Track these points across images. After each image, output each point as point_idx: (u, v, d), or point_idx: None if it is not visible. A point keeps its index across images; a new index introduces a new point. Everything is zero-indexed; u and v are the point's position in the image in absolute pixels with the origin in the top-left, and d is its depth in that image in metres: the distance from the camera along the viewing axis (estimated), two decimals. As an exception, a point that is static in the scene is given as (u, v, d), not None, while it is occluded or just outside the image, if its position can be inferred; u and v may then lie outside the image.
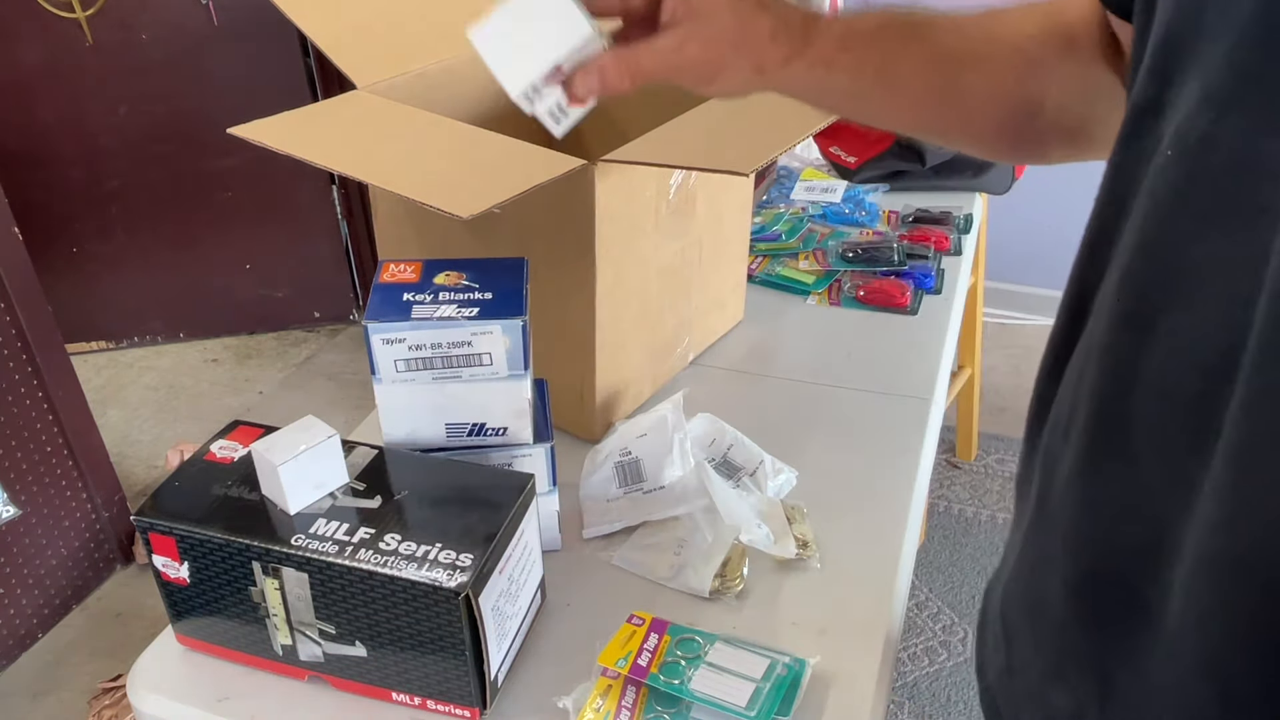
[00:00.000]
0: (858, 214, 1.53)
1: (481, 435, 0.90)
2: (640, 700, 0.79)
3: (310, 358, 2.92)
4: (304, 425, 0.81)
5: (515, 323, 0.84)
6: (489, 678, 0.77)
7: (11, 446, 1.88)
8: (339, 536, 0.76)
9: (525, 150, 0.91)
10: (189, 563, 0.80)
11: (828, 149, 1.71)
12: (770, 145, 0.87)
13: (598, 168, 0.92)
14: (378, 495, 0.81)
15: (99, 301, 2.84)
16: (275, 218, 2.85)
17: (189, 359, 2.91)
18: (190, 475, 0.83)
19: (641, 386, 1.15)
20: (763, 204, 1.59)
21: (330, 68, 1.11)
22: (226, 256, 2.88)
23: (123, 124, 2.63)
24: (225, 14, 2.56)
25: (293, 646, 0.81)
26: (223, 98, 2.63)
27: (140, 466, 2.49)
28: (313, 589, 0.76)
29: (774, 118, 0.98)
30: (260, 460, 0.79)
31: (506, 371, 0.86)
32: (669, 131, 0.94)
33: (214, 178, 2.75)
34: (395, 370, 0.86)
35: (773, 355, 1.27)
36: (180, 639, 0.86)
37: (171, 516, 0.79)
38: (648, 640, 0.81)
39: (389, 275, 0.89)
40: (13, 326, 1.85)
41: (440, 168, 0.88)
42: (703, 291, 1.20)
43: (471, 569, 0.73)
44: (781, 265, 1.44)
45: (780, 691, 0.77)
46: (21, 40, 2.46)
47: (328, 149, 0.90)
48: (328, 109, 1.01)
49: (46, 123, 2.58)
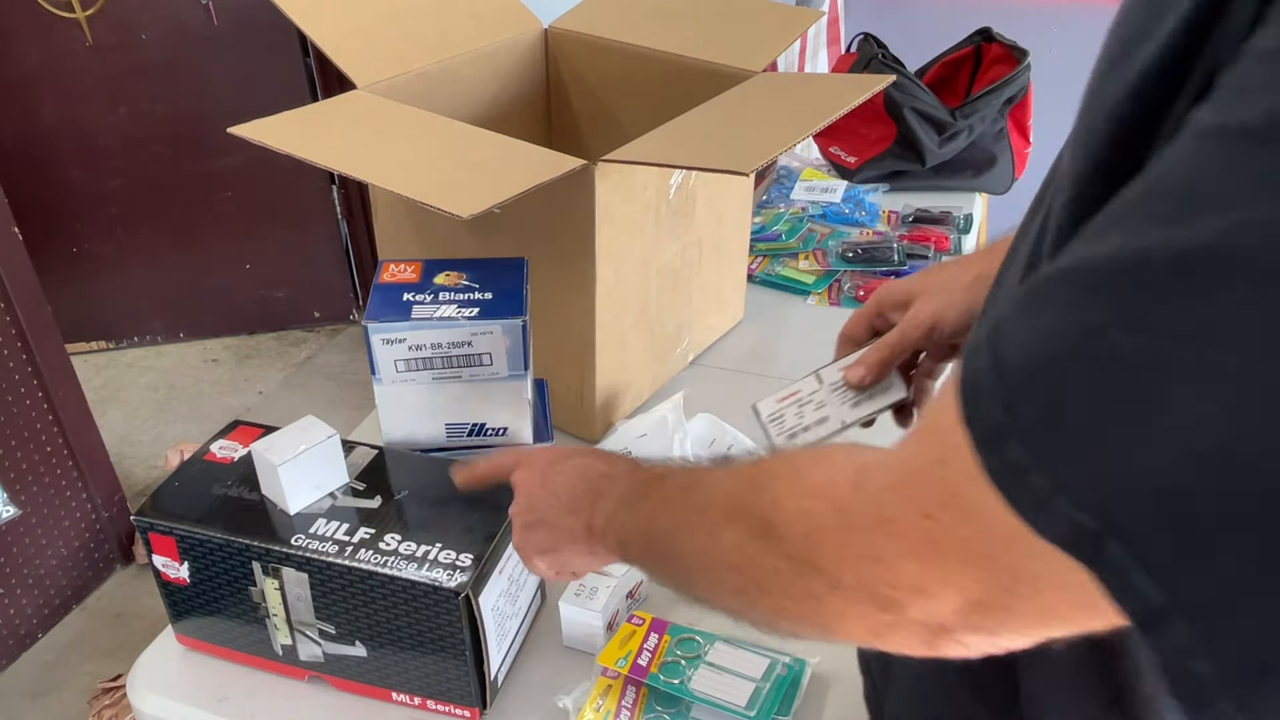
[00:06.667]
0: (858, 214, 1.53)
1: (481, 435, 0.90)
2: (640, 700, 0.79)
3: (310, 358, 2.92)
4: (304, 425, 0.81)
5: (515, 323, 0.84)
6: (489, 678, 0.77)
7: (11, 446, 1.87)
8: (339, 536, 0.76)
9: (525, 150, 0.91)
10: (189, 563, 0.79)
11: (828, 149, 1.71)
12: (770, 145, 0.87)
13: (598, 168, 0.92)
14: (378, 495, 0.81)
15: (99, 301, 2.84)
16: (275, 218, 2.84)
17: (189, 359, 2.91)
18: (190, 475, 0.83)
19: (641, 386, 1.15)
20: (763, 204, 1.58)
21: (330, 68, 1.11)
22: (226, 256, 2.87)
23: (123, 124, 2.62)
24: (225, 14, 2.55)
25: (293, 646, 0.81)
26: (223, 98, 2.63)
27: (140, 466, 2.49)
28: (313, 589, 0.76)
29: (774, 118, 0.98)
30: (260, 460, 0.79)
31: (506, 371, 0.86)
32: (669, 131, 0.94)
33: (214, 178, 2.74)
34: (395, 370, 0.85)
35: (773, 355, 1.27)
36: (180, 639, 0.86)
37: (171, 516, 0.79)
38: (648, 640, 0.81)
39: (389, 275, 0.89)
40: (13, 326, 1.85)
41: (440, 168, 0.88)
42: (703, 291, 1.20)
43: (471, 569, 0.73)
44: (781, 265, 1.44)
45: (780, 691, 0.77)
46: (21, 40, 2.46)
47: (328, 149, 0.90)
48: (328, 109, 1.01)
49: (46, 123, 2.58)
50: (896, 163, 1.63)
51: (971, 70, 1.73)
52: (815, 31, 2.60)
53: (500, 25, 1.22)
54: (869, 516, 0.39)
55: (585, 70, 1.28)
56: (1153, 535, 0.30)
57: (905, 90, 1.58)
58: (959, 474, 0.35)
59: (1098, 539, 0.31)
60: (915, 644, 0.40)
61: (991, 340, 0.35)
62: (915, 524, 0.37)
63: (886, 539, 0.38)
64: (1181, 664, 0.30)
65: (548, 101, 1.32)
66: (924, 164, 1.61)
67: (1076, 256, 0.33)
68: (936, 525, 0.37)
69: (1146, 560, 0.30)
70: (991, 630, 0.38)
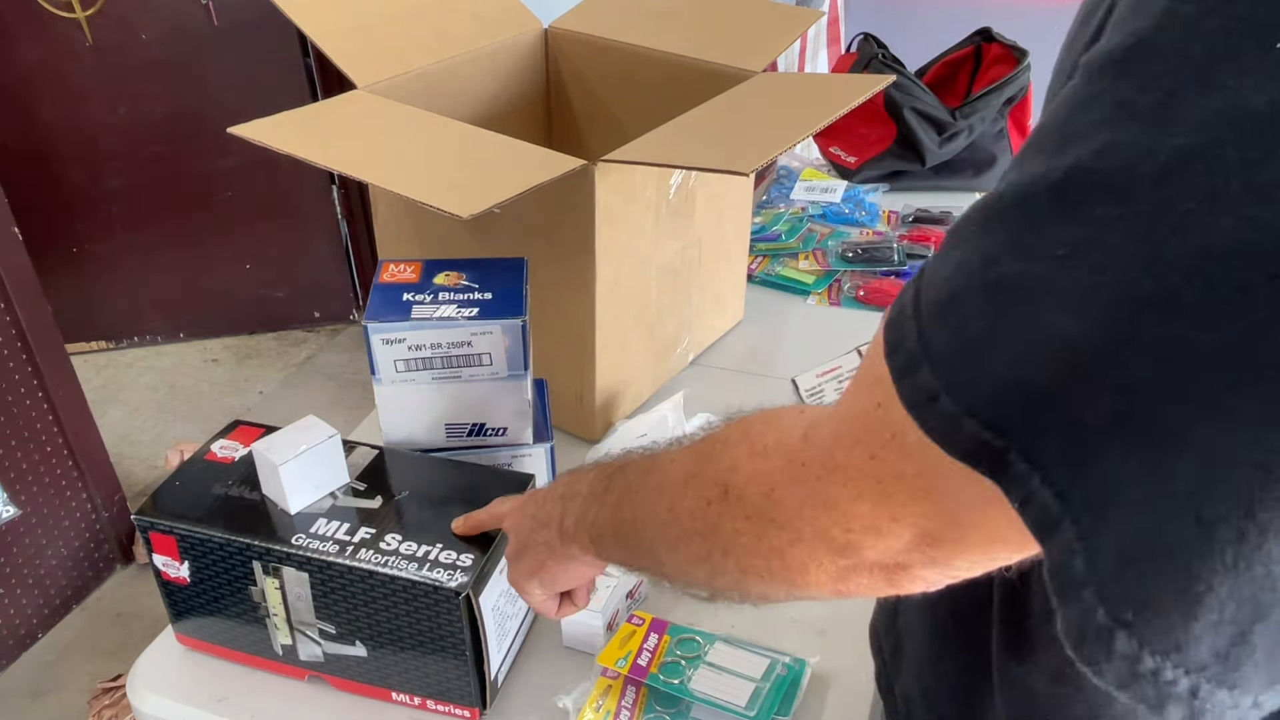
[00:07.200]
0: (858, 214, 1.53)
1: (481, 435, 0.90)
2: (640, 700, 0.79)
3: (310, 358, 2.92)
4: (304, 425, 0.81)
5: (515, 323, 0.84)
6: (489, 678, 0.77)
7: (11, 446, 1.87)
8: (339, 536, 0.76)
9: (525, 150, 0.91)
10: (189, 562, 0.79)
11: (828, 149, 1.71)
12: (770, 145, 0.87)
13: (598, 168, 0.92)
14: (378, 495, 0.81)
15: (99, 301, 2.84)
16: (275, 218, 2.84)
17: (189, 359, 2.91)
18: (190, 475, 0.83)
19: (641, 386, 1.15)
20: (763, 204, 1.59)
21: (330, 68, 1.11)
22: (226, 256, 2.87)
23: (123, 124, 2.62)
24: (225, 14, 2.55)
25: (293, 646, 0.81)
26: (223, 98, 2.63)
27: (140, 466, 2.49)
28: (313, 589, 0.76)
29: (774, 118, 0.98)
30: (261, 460, 0.79)
31: (506, 371, 0.86)
32: (669, 131, 0.94)
33: (214, 178, 2.74)
34: (395, 370, 0.85)
35: (773, 355, 1.27)
36: (180, 639, 0.86)
37: (172, 516, 0.79)
38: (648, 640, 0.81)
39: (389, 275, 0.89)
40: (13, 326, 1.85)
41: (440, 168, 0.88)
42: (703, 291, 1.20)
43: (472, 569, 0.73)
44: (781, 265, 1.44)
45: (780, 691, 0.77)
46: (21, 40, 2.46)
47: (328, 149, 0.90)
48: (328, 109, 1.01)
49: (46, 123, 2.58)
50: (896, 163, 1.63)
51: (971, 70, 1.73)
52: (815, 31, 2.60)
53: (500, 25, 1.22)
54: (820, 466, 0.41)
55: (585, 70, 1.28)
56: (1044, 445, 0.32)
57: (905, 90, 1.58)
58: (897, 415, 0.36)
59: (1001, 454, 0.33)
60: (878, 583, 0.42)
61: (915, 281, 0.37)
62: (862, 466, 0.39)
63: (838, 485, 0.40)
64: (1064, 564, 0.32)
65: (548, 101, 1.32)
66: (924, 164, 1.61)
67: (986, 195, 0.36)
68: (881, 465, 0.38)
69: (1042, 469, 0.32)
70: (945, 561, 0.40)
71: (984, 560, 0.40)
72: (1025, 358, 0.32)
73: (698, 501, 0.48)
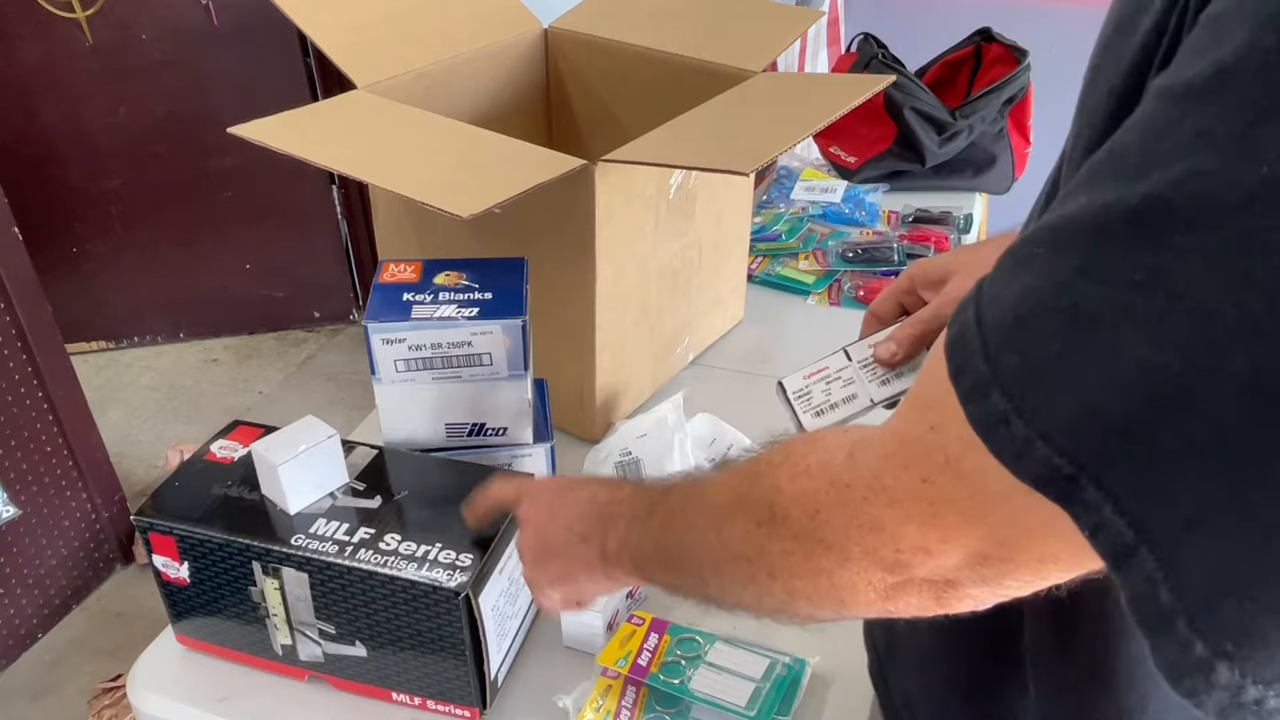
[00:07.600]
0: (858, 214, 1.53)
1: (481, 435, 0.90)
2: (640, 700, 0.79)
3: (310, 358, 2.92)
4: (304, 425, 0.81)
5: (515, 323, 0.84)
6: (489, 678, 0.77)
7: (11, 446, 1.87)
8: (339, 536, 0.76)
9: (525, 150, 0.91)
10: (189, 562, 0.79)
11: (828, 149, 1.71)
12: (770, 145, 0.87)
13: (598, 168, 0.92)
14: (378, 495, 0.81)
15: (99, 301, 2.84)
16: (275, 218, 2.84)
17: (189, 359, 2.91)
18: (190, 475, 0.83)
19: (641, 386, 1.15)
20: (763, 204, 1.58)
21: (330, 68, 1.11)
22: (226, 256, 2.87)
23: (123, 124, 2.62)
24: (225, 14, 2.55)
25: (293, 646, 0.81)
26: (223, 98, 2.63)
27: (140, 466, 2.49)
28: (313, 589, 0.76)
29: (774, 118, 0.98)
30: (260, 460, 0.79)
31: (506, 371, 0.86)
32: (669, 131, 0.94)
33: (214, 178, 2.74)
34: (395, 370, 0.85)
35: (773, 355, 1.27)
36: (180, 639, 0.86)
37: (171, 516, 0.78)
38: (648, 640, 0.81)
39: (389, 275, 0.89)
40: (13, 326, 1.84)
41: (440, 168, 0.88)
42: (703, 291, 1.20)
43: (471, 569, 0.73)
44: (781, 265, 1.44)
45: (780, 691, 0.77)
46: (21, 40, 2.46)
47: (328, 149, 0.90)
48: (328, 109, 1.01)
49: (46, 123, 2.58)
50: (896, 163, 1.63)
51: (971, 70, 1.73)
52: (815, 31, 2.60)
53: (500, 25, 1.22)
54: (865, 487, 0.41)
55: (585, 70, 1.27)
56: (1120, 474, 0.32)
57: (905, 90, 1.58)
58: (953, 439, 0.36)
59: (1072, 481, 0.33)
60: (927, 602, 0.42)
61: (975, 300, 0.37)
62: (913, 489, 0.39)
63: (884, 507, 0.40)
64: (1147, 594, 0.32)
65: (548, 101, 1.32)
66: (924, 164, 1.61)
67: (1050, 217, 0.35)
68: (933, 489, 0.38)
69: (1115, 498, 0.32)
70: (996, 580, 0.40)
71: (1035, 580, 0.40)
72: (1100, 383, 0.32)
73: (746, 524, 0.48)
